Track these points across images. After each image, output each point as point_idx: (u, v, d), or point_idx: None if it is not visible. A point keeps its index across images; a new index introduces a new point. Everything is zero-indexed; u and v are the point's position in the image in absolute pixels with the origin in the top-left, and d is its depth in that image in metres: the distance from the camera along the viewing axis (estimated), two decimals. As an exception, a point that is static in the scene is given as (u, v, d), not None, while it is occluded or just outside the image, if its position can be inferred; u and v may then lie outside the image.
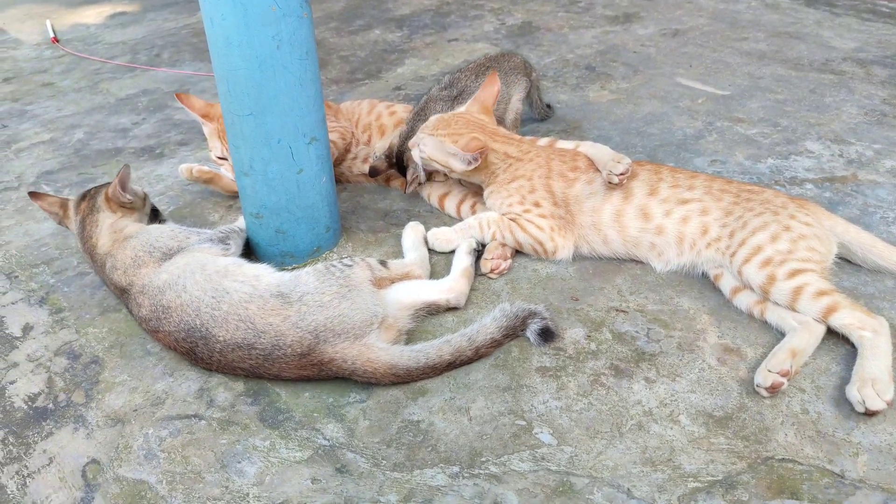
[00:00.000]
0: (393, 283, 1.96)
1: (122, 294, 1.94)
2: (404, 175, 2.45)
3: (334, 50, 4.06)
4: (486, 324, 1.82)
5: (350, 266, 1.88)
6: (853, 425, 1.56)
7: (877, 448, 1.51)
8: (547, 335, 1.83)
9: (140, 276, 1.89)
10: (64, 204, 2.13)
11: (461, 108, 2.32)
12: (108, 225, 2.04)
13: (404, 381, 1.74)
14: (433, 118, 2.27)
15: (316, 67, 2.03)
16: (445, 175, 2.36)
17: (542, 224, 2.07)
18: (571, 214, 2.09)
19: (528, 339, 1.84)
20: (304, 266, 2.13)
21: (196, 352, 1.78)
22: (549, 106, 3.00)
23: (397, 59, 3.87)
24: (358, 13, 4.69)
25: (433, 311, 1.96)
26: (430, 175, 2.45)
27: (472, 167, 2.15)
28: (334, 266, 1.87)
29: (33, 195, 2.15)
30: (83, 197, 2.11)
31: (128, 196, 2.07)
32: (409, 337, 1.88)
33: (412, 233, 2.22)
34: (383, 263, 1.98)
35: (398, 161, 2.43)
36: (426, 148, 2.20)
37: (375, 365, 1.71)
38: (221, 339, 1.74)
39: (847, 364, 1.70)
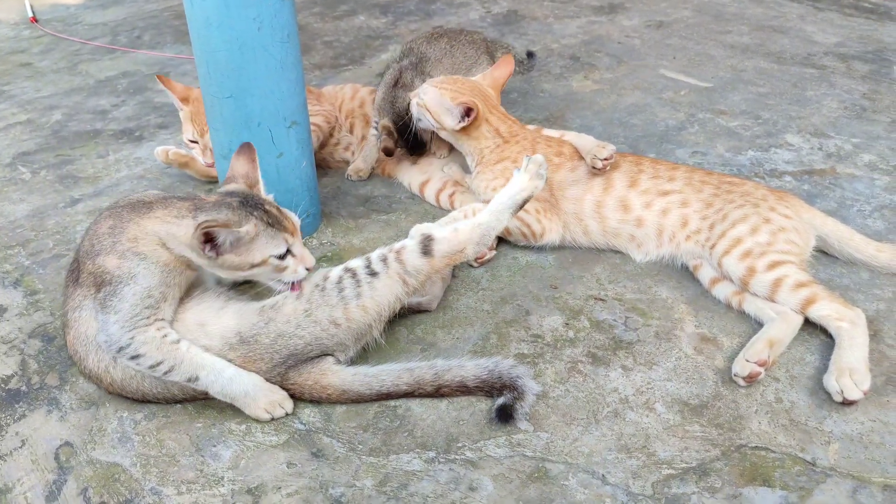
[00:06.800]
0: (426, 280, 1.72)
1: None
2: (409, 148, 2.41)
3: (318, 35, 4.02)
4: (465, 365, 1.65)
5: (376, 275, 1.66)
6: (825, 414, 1.58)
7: (848, 437, 1.53)
8: (505, 415, 1.58)
9: None
10: None
11: (474, 78, 2.33)
12: None
13: (357, 403, 1.65)
14: (442, 76, 2.29)
15: (297, 51, 2.01)
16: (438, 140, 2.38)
17: (528, 207, 2.06)
18: (556, 199, 2.09)
19: (491, 403, 1.64)
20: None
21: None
22: (529, 55, 2.98)
23: (381, 45, 3.84)
24: (343, -2, 4.65)
25: (405, 312, 1.83)
26: (424, 143, 2.43)
27: (461, 125, 2.14)
28: (354, 277, 1.67)
29: None
30: None
31: None
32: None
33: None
34: (427, 248, 1.67)
35: (400, 132, 2.38)
36: (426, 96, 2.19)
37: (329, 391, 1.64)
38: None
39: (821, 354, 1.72)
